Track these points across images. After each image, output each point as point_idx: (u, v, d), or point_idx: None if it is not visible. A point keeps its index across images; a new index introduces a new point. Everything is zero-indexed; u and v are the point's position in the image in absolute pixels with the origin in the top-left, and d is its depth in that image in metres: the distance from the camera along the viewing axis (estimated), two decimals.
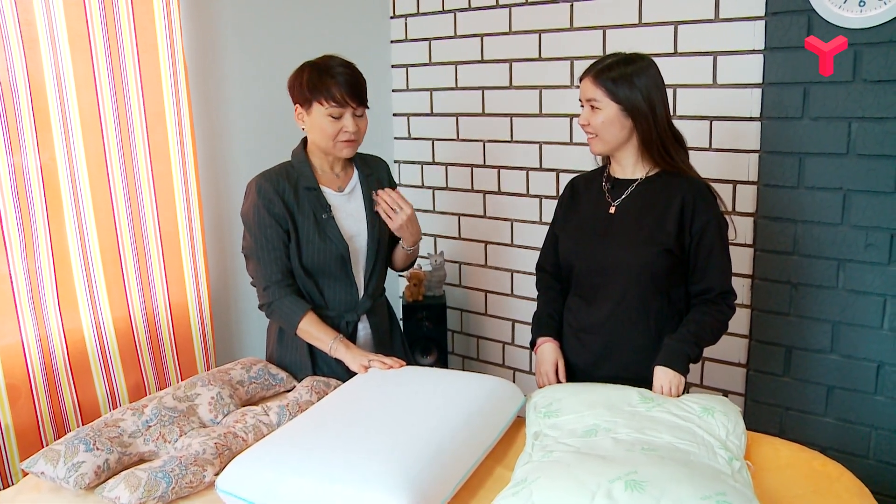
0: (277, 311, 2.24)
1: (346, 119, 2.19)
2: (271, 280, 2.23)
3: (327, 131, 2.19)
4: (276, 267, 2.22)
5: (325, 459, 1.65)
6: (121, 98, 2.48)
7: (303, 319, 2.22)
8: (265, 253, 2.22)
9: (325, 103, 2.16)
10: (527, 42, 3.32)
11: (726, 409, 1.87)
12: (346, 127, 2.20)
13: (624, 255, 2.07)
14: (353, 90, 2.18)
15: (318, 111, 2.18)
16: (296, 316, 2.23)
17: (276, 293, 2.23)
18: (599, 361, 2.16)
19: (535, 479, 1.58)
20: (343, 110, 2.18)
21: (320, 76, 2.17)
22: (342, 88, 2.16)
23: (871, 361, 2.62)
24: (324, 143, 2.22)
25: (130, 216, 2.54)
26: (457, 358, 3.93)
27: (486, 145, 3.57)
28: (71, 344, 2.41)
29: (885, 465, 2.64)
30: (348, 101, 2.17)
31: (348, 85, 2.17)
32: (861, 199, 2.55)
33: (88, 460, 1.73)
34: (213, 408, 2.04)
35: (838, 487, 1.73)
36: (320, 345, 2.25)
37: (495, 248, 3.65)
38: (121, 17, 2.45)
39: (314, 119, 2.20)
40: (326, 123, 2.18)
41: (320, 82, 2.16)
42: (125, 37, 2.47)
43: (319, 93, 2.16)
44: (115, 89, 2.46)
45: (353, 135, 2.22)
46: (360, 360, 2.19)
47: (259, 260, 2.23)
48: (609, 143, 2.07)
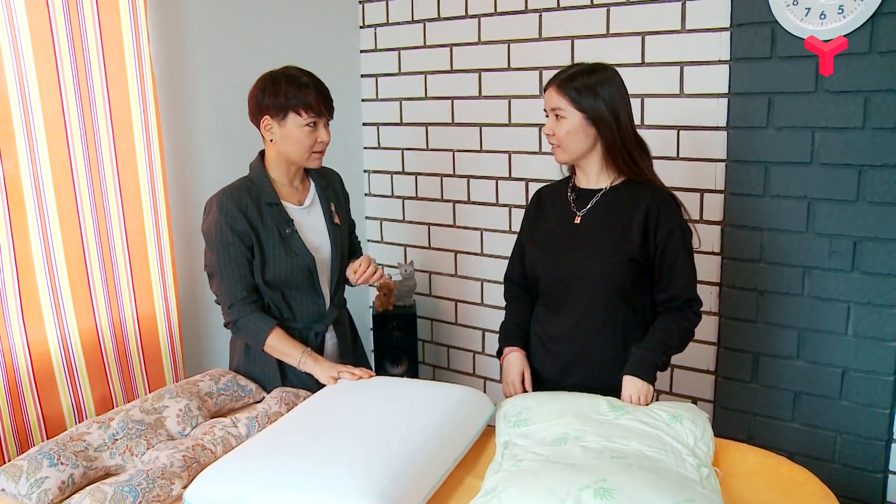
0: (243, 328, 2.23)
1: (322, 129, 2.20)
2: (236, 298, 2.21)
3: (304, 142, 2.19)
4: (240, 284, 2.21)
5: (294, 471, 1.64)
6: (87, 106, 2.45)
7: (270, 336, 2.22)
8: (228, 271, 2.20)
9: (304, 113, 2.15)
10: (496, 52, 3.33)
11: (694, 417, 1.89)
12: (321, 137, 2.20)
13: (589, 265, 2.08)
14: (327, 100, 2.20)
15: (295, 122, 2.17)
16: (262, 333, 2.22)
17: (240, 310, 2.22)
18: (567, 371, 2.16)
19: (505, 487, 1.58)
20: (319, 120, 2.18)
21: (293, 86, 2.16)
22: (318, 98, 2.17)
23: (836, 367, 2.65)
24: (297, 154, 2.21)
25: (97, 226, 2.51)
26: (427, 367, 3.93)
27: (456, 155, 3.58)
28: (35, 356, 2.37)
29: (850, 468, 2.67)
30: (324, 111, 2.18)
31: (322, 94, 2.18)
32: (825, 207, 2.59)
33: (52, 476, 1.70)
34: (182, 420, 2.02)
35: (804, 492, 1.75)
36: (288, 360, 2.25)
37: (465, 257, 3.65)
38: (86, 24, 2.42)
39: (289, 130, 2.18)
40: (303, 134, 2.18)
41: (294, 93, 2.15)
42: (91, 44, 2.44)
43: (298, 102, 2.15)
44: (81, 97, 2.43)
45: (326, 145, 2.22)
46: (329, 373, 2.18)
47: (223, 278, 2.21)
48: (573, 153, 2.08)
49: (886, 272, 2.51)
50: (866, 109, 2.45)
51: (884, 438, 2.60)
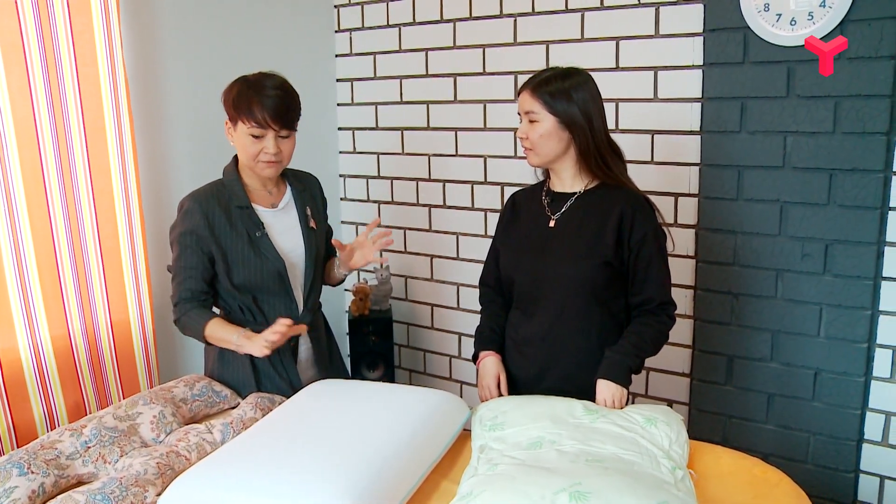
0: (185, 324, 2.23)
1: (268, 140, 2.15)
2: (181, 298, 2.22)
3: (248, 150, 2.17)
4: (187, 285, 2.21)
5: (269, 476, 1.63)
6: (59, 112, 2.43)
7: (207, 326, 2.19)
8: (181, 273, 2.22)
9: (247, 122, 2.13)
10: (471, 56, 3.34)
11: (669, 420, 1.90)
12: (266, 148, 2.16)
13: (563, 269, 2.09)
14: (277, 113, 2.13)
15: (242, 129, 2.16)
16: (200, 325, 2.20)
17: (182, 308, 2.22)
18: (541, 374, 2.17)
19: (481, 492, 1.59)
20: (265, 131, 2.15)
21: (247, 95, 2.13)
22: (265, 111, 2.11)
23: (809, 369, 2.68)
24: (246, 161, 2.22)
25: (69, 231, 2.48)
26: (404, 372, 3.92)
27: (432, 159, 3.58)
28: (6, 363, 2.34)
29: (823, 469, 2.70)
30: (269, 124, 2.13)
31: (273, 108, 2.12)
32: (797, 210, 2.62)
33: (22, 485, 1.68)
34: (156, 427, 2.01)
35: (777, 493, 1.77)
36: (227, 344, 2.19)
37: (441, 261, 3.65)
38: (58, 28, 2.39)
39: (238, 136, 2.18)
40: (248, 142, 2.16)
41: (244, 101, 2.12)
42: (62, 48, 2.41)
43: (242, 111, 2.13)
44: (53, 103, 2.40)
45: (274, 156, 2.18)
46: (259, 345, 2.09)
47: (175, 277, 2.24)
48: (546, 156, 2.09)
49: (857, 275, 2.54)
50: (836, 114, 2.49)
51: (855, 439, 2.63)
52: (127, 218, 2.66)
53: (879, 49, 2.38)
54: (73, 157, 2.48)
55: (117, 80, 2.58)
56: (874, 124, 2.43)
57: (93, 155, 2.54)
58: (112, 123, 2.59)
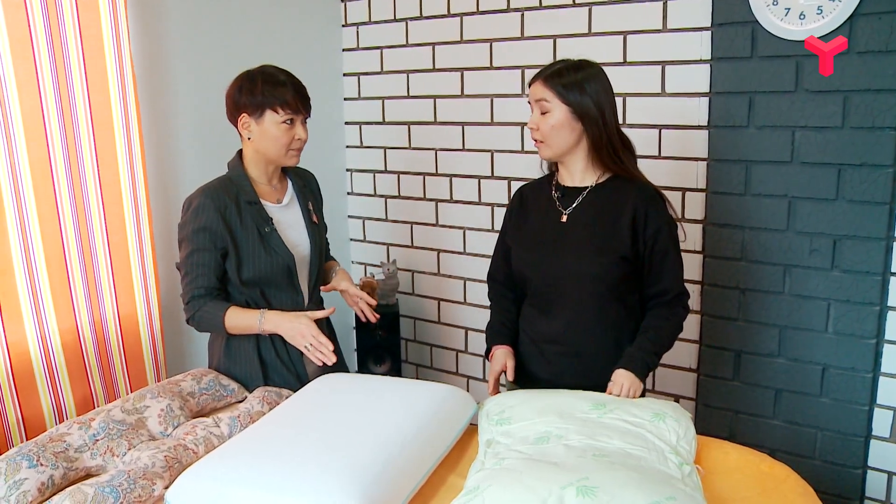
0: (202, 319, 2.22)
1: (299, 126, 2.21)
2: (193, 294, 2.21)
3: (281, 140, 2.19)
4: (200, 282, 2.20)
5: (276, 470, 1.64)
6: (66, 104, 2.43)
7: (226, 314, 2.20)
8: (193, 269, 2.20)
9: (281, 110, 2.16)
10: (478, 51, 3.33)
11: (677, 415, 1.90)
12: (297, 134, 2.21)
13: (579, 265, 2.08)
14: (305, 97, 2.22)
15: (271, 119, 2.17)
16: (219, 316, 2.20)
17: (195, 305, 2.21)
18: (562, 372, 2.16)
19: (487, 486, 1.59)
20: (297, 116, 2.19)
21: (271, 83, 2.17)
22: (296, 96, 2.18)
23: (817, 364, 2.67)
24: (275, 151, 2.22)
25: (77, 225, 2.49)
26: (410, 366, 3.92)
27: (438, 154, 3.57)
28: (14, 357, 2.35)
29: (830, 465, 2.69)
30: (301, 108, 2.19)
31: (301, 92, 2.20)
32: (805, 205, 2.61)
33: (31, 477, 1.68)
34: (163, 420, 2.01)
35: (784, 488, 1.77)
36: (250, 329, 2.21)
37: (448, 256, 3.65)
38: (66, 23, 2.40)
39: (266, 127, 2.19)
40: (280, 131, 2.19)
41: (271, 90, 2.16)
42: (70, 42, 2.42)
43: (272, 100, 2.16)
44: (61, 95, 2.41)
45: (304, 143, 2.23)
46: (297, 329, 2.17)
47: (186, 275, 2.22)
48: (558, 147, 2.08)
49: (865, 270, 2.53)
50: (845, 109, 2.47)
51: (863, 435, 2.62)
52: (134, 211, 2.66)
53: (889, 43, 2.37)
54: (80, 151, 2.49)
55: (124, 73, 2.58)
56: (883, 119, 2.41)
57: (100, 148, 2.54)
58: (119, 117, 2.59)
